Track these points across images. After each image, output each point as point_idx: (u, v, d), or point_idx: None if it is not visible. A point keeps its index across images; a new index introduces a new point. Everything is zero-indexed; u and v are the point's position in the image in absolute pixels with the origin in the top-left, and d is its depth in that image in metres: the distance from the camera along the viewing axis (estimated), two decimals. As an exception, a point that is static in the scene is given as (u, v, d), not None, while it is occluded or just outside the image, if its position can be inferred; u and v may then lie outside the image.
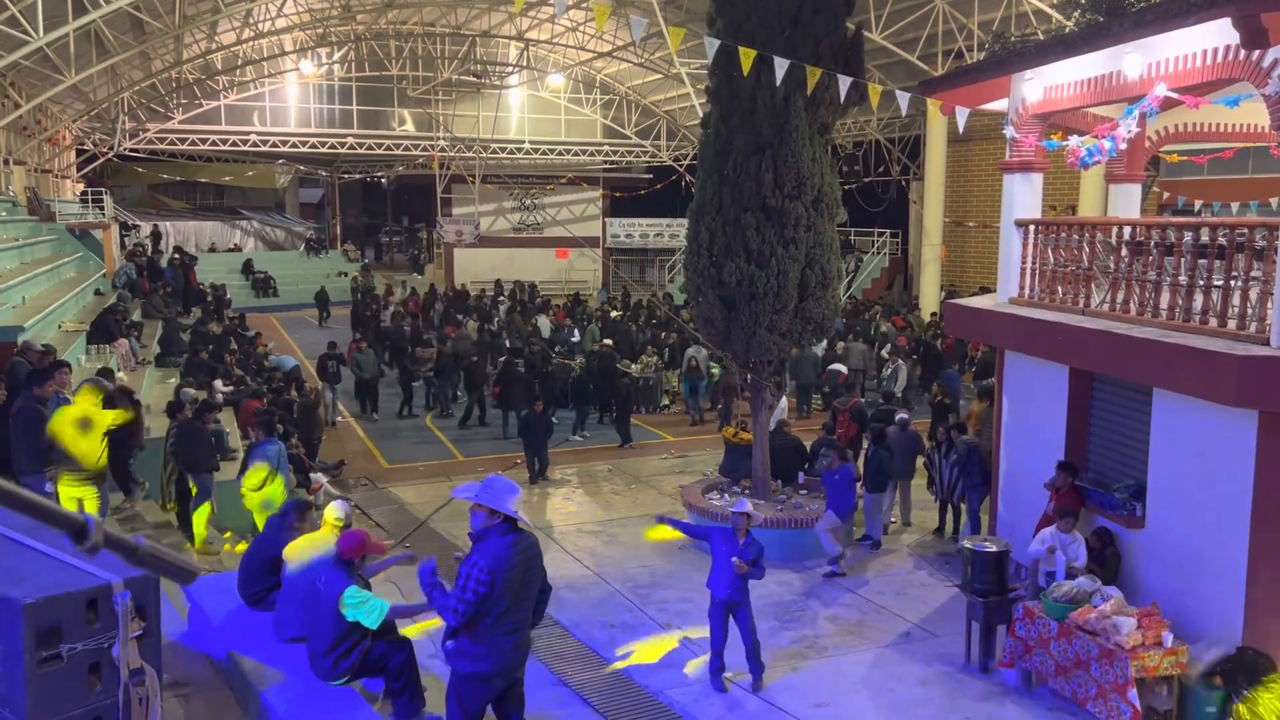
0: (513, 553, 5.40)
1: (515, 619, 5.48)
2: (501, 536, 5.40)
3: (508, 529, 5.43)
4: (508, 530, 5.43)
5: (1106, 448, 10.02)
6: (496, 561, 5.32)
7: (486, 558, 5.31)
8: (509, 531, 5.43)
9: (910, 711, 8.12)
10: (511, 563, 5.38)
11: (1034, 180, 11.46)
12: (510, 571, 5.37)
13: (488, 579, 5.28)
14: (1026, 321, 10.58)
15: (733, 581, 8.41)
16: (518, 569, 5.42)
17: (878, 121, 33.15)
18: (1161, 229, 9.53)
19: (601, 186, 44.04)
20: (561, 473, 15.75)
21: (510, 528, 5.44)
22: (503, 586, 5.33)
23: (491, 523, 5.42)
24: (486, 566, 5.29)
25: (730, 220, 11.38)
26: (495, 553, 5.34)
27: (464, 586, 5.31)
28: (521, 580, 5.46)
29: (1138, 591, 8.81)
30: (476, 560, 5.32)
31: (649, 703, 8.26)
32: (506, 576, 5.34)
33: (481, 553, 5.36)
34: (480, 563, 5.30)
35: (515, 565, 5.41)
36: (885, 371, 19.18)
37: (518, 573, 5.42)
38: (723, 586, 8.44)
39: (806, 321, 11.74)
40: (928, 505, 13.40)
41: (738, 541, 8.52)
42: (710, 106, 11.96)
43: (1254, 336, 7.90)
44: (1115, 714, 7.58)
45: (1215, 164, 16.16)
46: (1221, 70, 8.34)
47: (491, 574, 5.30)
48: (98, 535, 1.82)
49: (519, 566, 5.43)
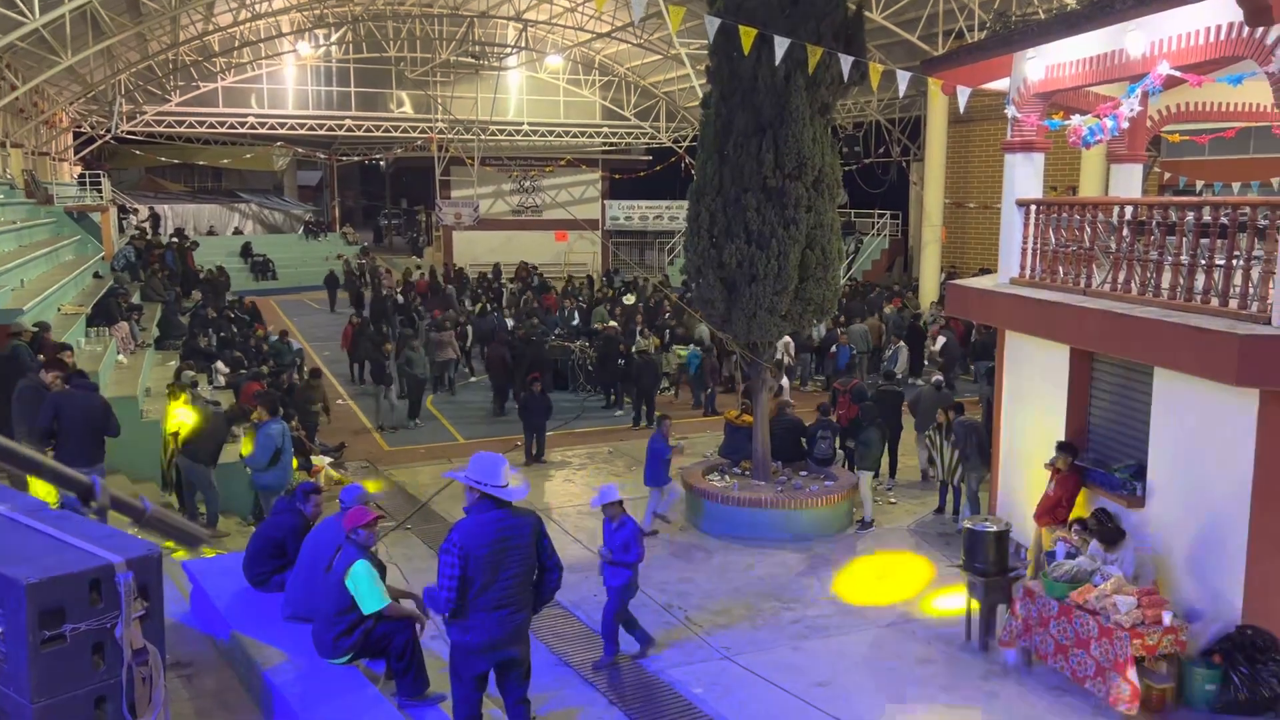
0: (489, 529, 5.47)
1: (498, 594, 5.56)
2: (481, 513, 5.47)
3: (490, 505, 5.49)
4: (490, 506, 5.48)
5: (1107, 428, 10.03)
6: (468, 538, 5.42)
7: (459, 534, 5.43)
8: (491, 508, 5.49)
9: (910, 689, 8.16)
10: (486, 539, 5.45)
11: (1035, 160, 11.43)
12: (484, 548, 5.44)
13: (459, 556, 5.39)
14: (1027, 302, 10.57)
15: (606, 569, 8.56)
16: (493, 544, 5.48)
17: (878, 102, 33.03)
18: (1163, 209, 9.50)
19: (600, 168, 43.89)
20: (562, 454, 15.77)
21: (493, 504, 5.50)
22: (476, 562, 5.41)
23: (473, 498, 5.50)
24: (458, 543, 5.42)
25: (731, 201, 11.34)
26: (469, 529, 5.45)
27: (442, 572, 5.44)
28: (499, 555, 5.51)
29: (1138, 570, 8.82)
30: (451, 537, 5.44)
31: (651, 681, 8.31)
32: (479, 553, 5.43)
33: (456, 529, 5.46)
34: (453, 539, 5.41)
35: (491, 541, 5.47)
36: (887, 353, 19.19)
37: (494, 548, 5.48)
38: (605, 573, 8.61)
39: (807, 303, 11.72)
40: (928, 486, 13.45)
41: (611, 528, 8.58)
42: (711, 87, 11.90)
43: (1255, 316, 7.89)
44: (1114, 692, 7.60)
45: (1217, 144, 16.09)
46: (1224, 48, 8.29)
47: (463, 550, 5.39)
48: (104, 497, 1.82)
49: (496, 542, 5.49)
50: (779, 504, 11.82)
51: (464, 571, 5.46)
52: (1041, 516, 9.87)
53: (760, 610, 9.79)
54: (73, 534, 3.59)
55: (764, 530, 11.73)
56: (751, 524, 11.77)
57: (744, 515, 11.79)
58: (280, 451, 11.18)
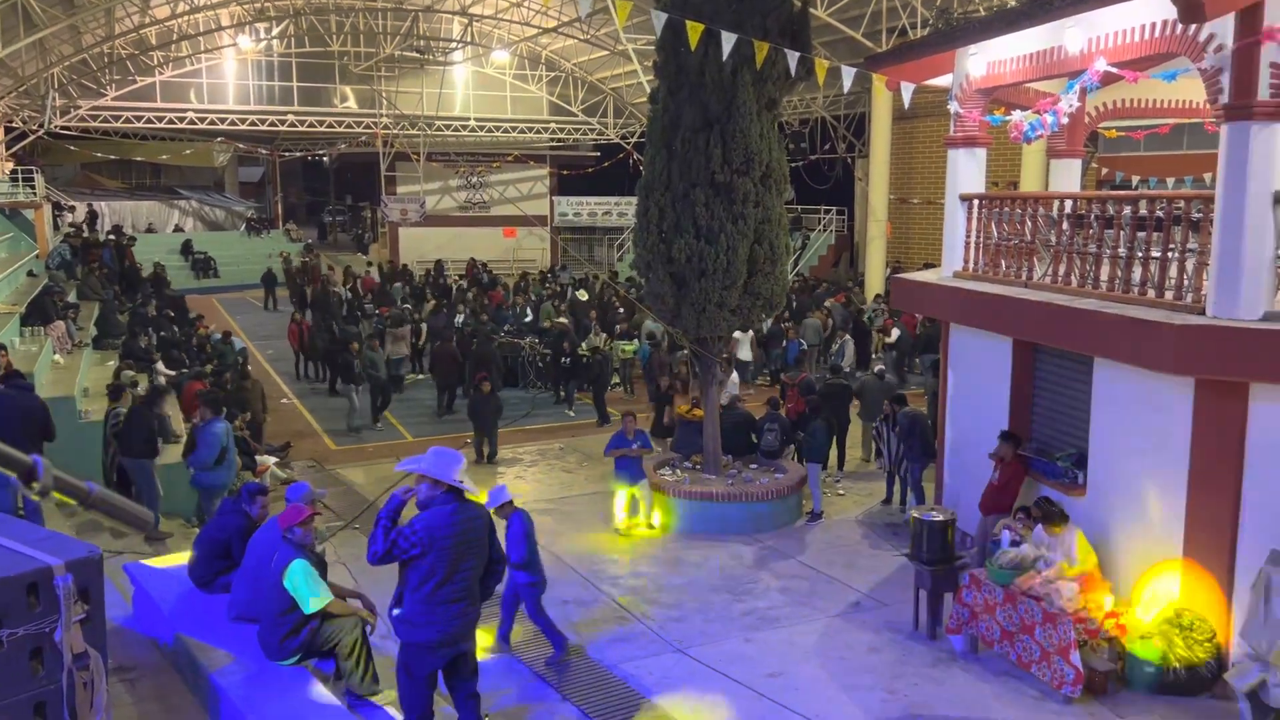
0: (452, 521, 5.47)
1: (456, 587, 5.56)
2: (443, 505, 5.46)
3: (451, 498, 5.49)
4: (450, 499, 5.49)
5: (1049, 417, 10.23)
6: (434, 529, 5.40)
7: (423, 525, 5.41)
8: (451, 501, 5.49)
9: (860, 678, 8.25)
10: (450, 530, 5.45)
11: (978, 155, 11.61)
12: (448, 539, 5.44)
13: (420, 540, 5.36)
14: (971, 295, 10.75)
15: (511, 571, 8.38)
16: (456, 538, 5.48)
17: (823, 99, 33.31)
18: (1102, 203, 9.72)
19: (549, 164, 43.69)
20: (513, 452, 15.70)
21: (453, 497, 5.51)
22: (439, 553, 5.42)
23: (435, 492, 5.48)
24: (423, 529, 5.38)
25: (679, 196, 11.37)
26: (434, 520, 5.42)
27: (398, 533, 5.42)
28: (461, 549, 5.51)
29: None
30: (414, 525, 5.43)
31: (604, 676, 8.31)
32: (444, 544, 5.42)
33: (420, 520, 5.44)
34: (416, 528, 5.39)
35: (454, 534, 5.47)
36: (834, 347, 19.38)
37: (456, 541, 5.48)
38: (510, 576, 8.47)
39: (755, 298, 11.79)
40: (875, 477, 13.60)
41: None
42: (658, 82, 11.91)
43: (1190, 306, 8.10)
44: (1059, 676, 7.78)
45: (1152, 140, 16.45)
46: (1159, 45, 8.49)
47: (427, 537, 5.36)
48: (47, 478, 1.77)
49: (458, 535, 5.50)
50: (730, 497, 11.89)
51: (423, 561, 5.42)
52: (986, 505, 10.04)
53: (712, 603, 9.83)
54: (9, 537, 3.50)
55: (715, 523, 11.79)
56: (703, 517, 11.82)
57: (694, 509, 11.84)
58: (225, 451, 10.99)
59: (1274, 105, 7.38)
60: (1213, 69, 7.73)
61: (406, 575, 5.56)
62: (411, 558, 5.40)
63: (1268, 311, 7.62)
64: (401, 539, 5.39)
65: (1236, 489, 7.78)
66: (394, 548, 5.39)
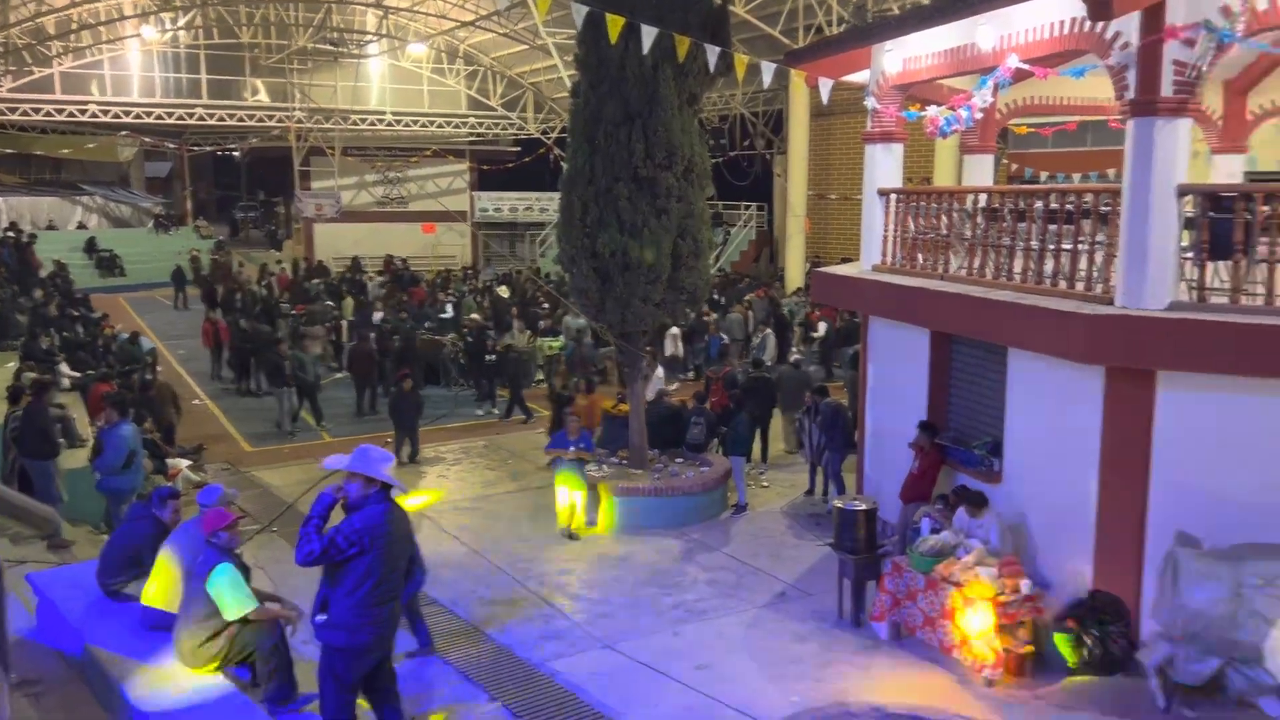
0: (388, 520, 5.34)
1: (389, 588, 5.44)
2: (378, 504, 5.33)
3: (383, 496, 5.37)
4: (382, 498, 5.36)
5: (966, 407, 10.46)
6: (372, 528, 5.27)
7: (360, 522, 5.25)
8: (384, 499, 5.37)
9: (787, 668, 8.32)
10: (386, 529, 5.33)
11: (895, 150, 11.81)
12: (386, 538, 5.32)
13: (359, 540, 5.22)
14: (889, 287, 10.93)
15: None
16: (390, 536, 5.36)
17: (742, 96, 33.58)
18: (1015, 197, 9.96)
19: (468, 159, 43.20)
20: (436, 450, 15.48)
21: (385, 496, 5.38)
22: (377, 553, 5.28)
23: (368, 491, 5.35)
24: (362, 529, 5.24)
25: (602, 191, 11.32)
26: (371, 519, 5.28)
27: (336, 532, 5.27)
28: (395, 549, 5.41)
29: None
30: (353, 524, 5.26)
31: (531, 674, 8.23)
32: (381, 544, 5.30)
33: (358, 520, 5.29)
34: (355, 527, 5.24)
35: (389, 533, 5.35)
36: (755, 340, 19.55)
37: (392, 540, 5.36)
38: None
39: (679, 292, 11.81)
40: (798, 469, 13.75)
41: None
42: (579, 75, 11.85)
43: (1100, 297, 8.35)
44: (979, 659, 7.96)
45: (1059, 137, 16.99)
46: (1069, 42, 8.73)
47: (366, 537, 5.24)
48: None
49: (392, 535, 5.37)
50: (656, 492, 11.89)
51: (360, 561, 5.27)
52: (906, 494, 10.22)
53: (640, 597, 9.83)
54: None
55: (642, 518, 11.79)
56: (630, 512, 11.81)
57: (621, 504, 11.81)
58: (133, 454, 10.60)
59: (1177, 101, 7.64)
60: (1119, 66, 7.98)
61: (339, 577, 5.40)
62: (348, 558, 5.24)
63: (1173, 301, 7.89)
64: (340, 538, 5.24)
65: (1145, 473, 8.05)
66: (331, 548, 5.23)
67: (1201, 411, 7.81)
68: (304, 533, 5.32)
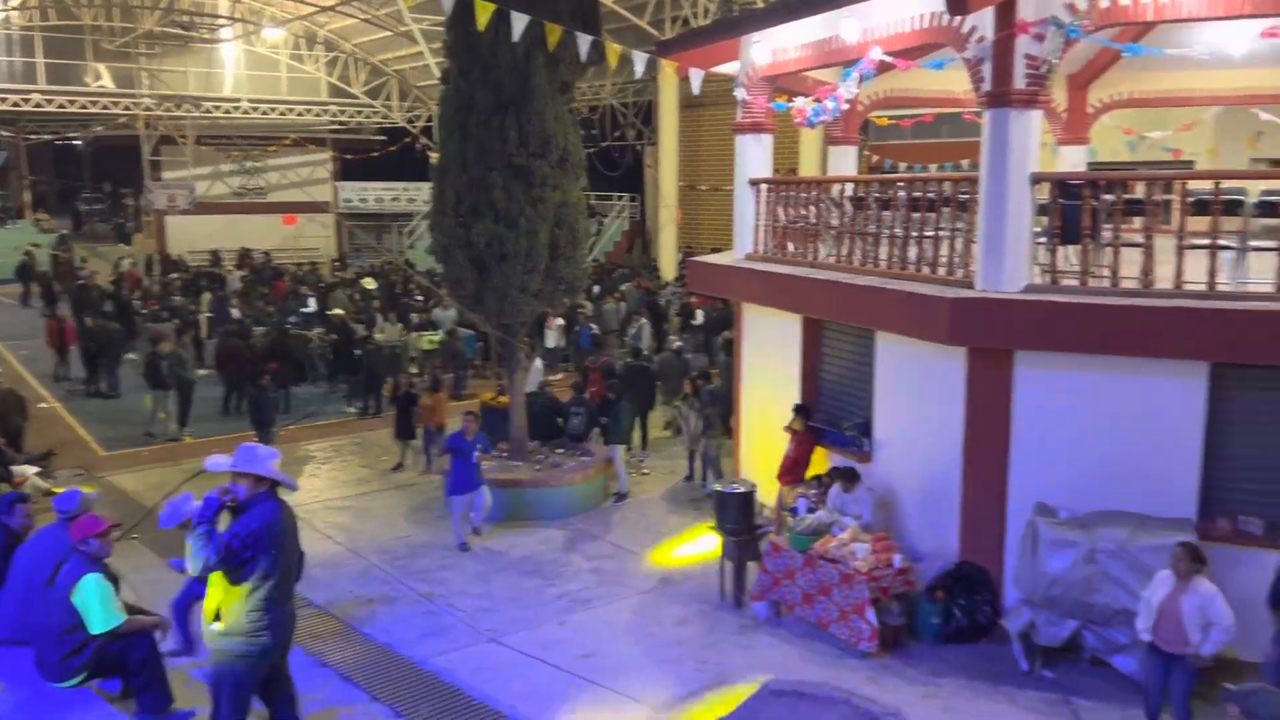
0: (280, 518, 5.14)
1: (287, 588, 5.25)
2: (269, 502, 5.12)
3: (272, 494, 5.16)
4: (271, 496, 5.16)
5: (837, 389, 10.78)
6: (266, 526, 5.06)
7: (256, 522, 5.02)
8: (274, 497, 5.16)
9: (672, 651, 8.42)
10: (279, 528, 5.13)
11: (765, 141, 12.04)
12: (279, 538, 5.11)
13: (255, 542, 5.01)
14: (761, 275, 11.16)
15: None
16: (284, 535, 5.17)
17: (612, 86, 33.62)
18: (880, 186, 10.31)
19: (330, 148, 41.84)
20: (305, 449, 15.00)
21: (274, 494, 5.17)
22: (274, 553, 5.08)
23: (257, 490, 5.13)
24: (258, 530, 5.01)
25: (476, 179, 11.16)
26: (264, 519, 5.07)
27: (232, 536, 5.02)
28: (289, 547, 5.22)
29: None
30: (249, 526, 5.04)
31: (413, 671, 8.08)
32: (277, 544, 5.09)
33: (254, 520, 5.06)
34: (249, 526, 5.02)
35: (282, 531, 5.16)
36: (631, 330, 19.65)
37: (287, 538, 5.17)
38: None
39: (558, 282, 11.76)
40: (677, 455, 13.90)
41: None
42: (449, 62, 11.63)
43: (960, 281, 8.73)
44: (855, 633, 8.22)
45: (917, 129, 17.60)
46: (928, 36, 9.07)
47: (262, 538, 5.03)
48: None
49: (287, 531, 5.19)
50: (538, 483, 11.84)
51: (256, 564, 5.05)
52: (783, 476, 10.47)
53: (524, 589, 9.77)
54: None
55: (524, 510, 11.71)
56: (511, 504, 11.71)
57: (503, 496, 11.69)
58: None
59: (1029, 93, 8.04)
60: (975, 59, 8.33)
61: (235, 582, 5.18)
62: (244, 561, 5.02)
63: (1028, 284, 8.31)
64: (235, 542, 5.02)
65: (1005, 449, 8.47)
66: (227, 554, 5.00)
67: (1056, 388, 8.26)
68: (192, 542, 5.06)
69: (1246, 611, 7.05)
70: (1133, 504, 7.87)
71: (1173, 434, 7.85)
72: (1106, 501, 7.98)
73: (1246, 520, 7.75)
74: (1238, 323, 7.37)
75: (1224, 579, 6.93)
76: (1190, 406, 7.79)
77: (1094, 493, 8.03)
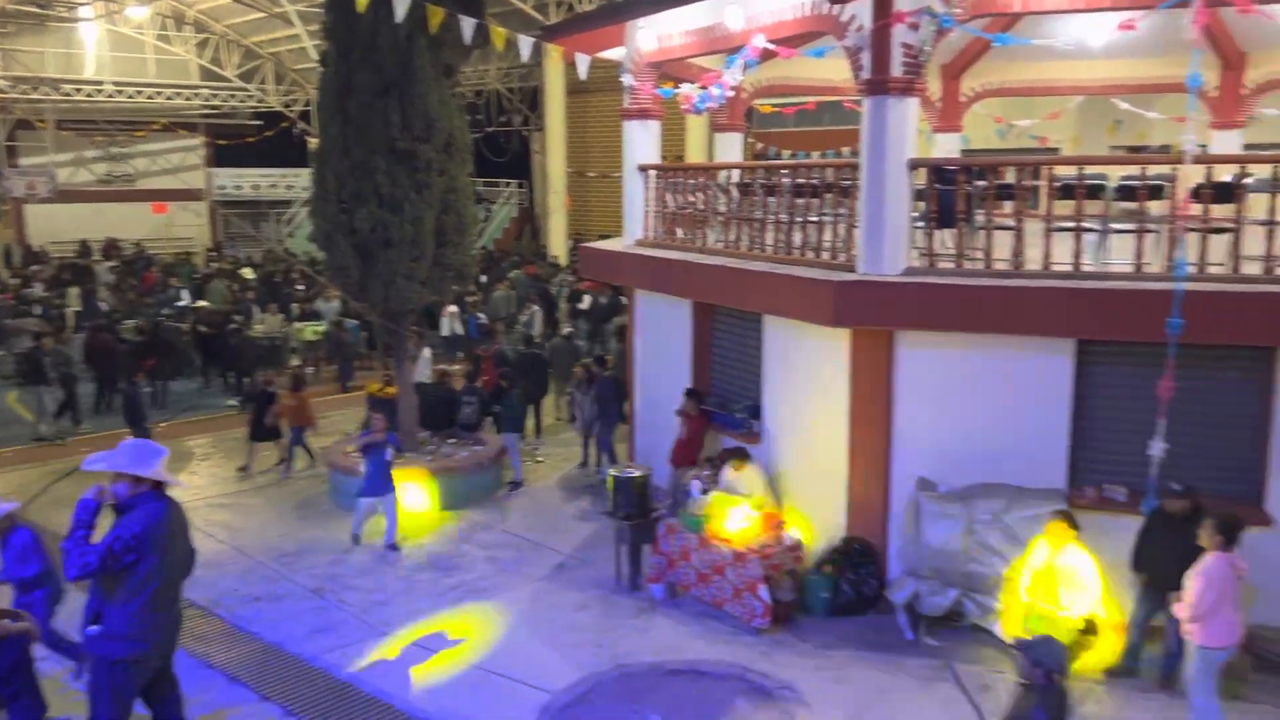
0: (166, 520, 4.94)
1: (172, 592, 5.05)
2: (154, 502, 4.91)
3: (156, 495, 4.95)
4: (155, 496, 4.94)
5: (728, 373, 10.95)
6: (151, 529, 4.84)
7: (139, 524, 4.81)
8: (160, 497, 4.95)
9: (569, 636, 8.44)
10: (165, 530, 4.92)
11: (652, 127, 12.10)
12: (164, 540, 4.91)
13: (135, 545, 4.80)
14: (652, 261, 11.23)
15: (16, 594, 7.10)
16: (170, 538, 4.97)
17: (496, 71, 33.23)
18: (766, 172, 10.48)
19: (203, 133, 40.20)
20: (184, 445, 14.44)
21: (160, 493, 4.96)
22: (159, 555, 4.87)
23: (139, 489, 4.91)
24: (140, 533, 4.80)
25: (358, 164, 10.89)
26: (148, 520, 4.85)
27: (107, 547, 4.79)
28: (177, 548, 5.01)
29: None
30: (130, 529, 4.81)
31: (304, 669, 7.89)
32: (161, 546, 4.88)
33: (135, 523, 4.84)
34: (132, 528, 4.80)
35: (168, 533, 4.95)
36: (523, 317, 19.53)
37: (171, 541, 4.96)
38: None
39: (446, 269, 11.59)
40: (571, 442, 13.90)
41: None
42: (328, 44, 11.31)
43: (843, 265, 8.95)
44: (749, 610, 8.39)
45: (800, 116, 18.01)
46: (809, 24, 9.25)
47: (145, 540, 4.81)
48: None
49: (173, 533, 4.99)
50: (430, 475, 11.65)
51: (137, 559, 4.82)
52: (676, 459, 10.59)
53: (417, 581, 9.64)
54: None
55: (415, 501, 11.52)
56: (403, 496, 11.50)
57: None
58: None
59: (906, 81, 8.28)
60: (855, 48, 8.54)
61: (116, 585, 4.96)
62: (126, 565, 4.79)
63: (907, 267, 8.58)
64: (117, 545, 4.79)
65: (887, 426, 8.75)
66: (108, 558, 4.76)
67: (935, 367, 8.57)
68: (69, 547, 4.82)
69: (1114, 574, 7.49)
70: (1009, 476, 8.24)
71: (1044, 408, 8.24)
72: (985, 475, 8.33)
73: (1111, 488, 8.20)
74: (1100, 301, 7.77)
75: (1092, 544, 7.34)
76: (1059, 382, 8.19)
77: (973, 467, 8.37)
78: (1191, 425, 7.81)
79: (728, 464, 9.48)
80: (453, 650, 8.20)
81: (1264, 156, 8.22)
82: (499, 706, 7.34)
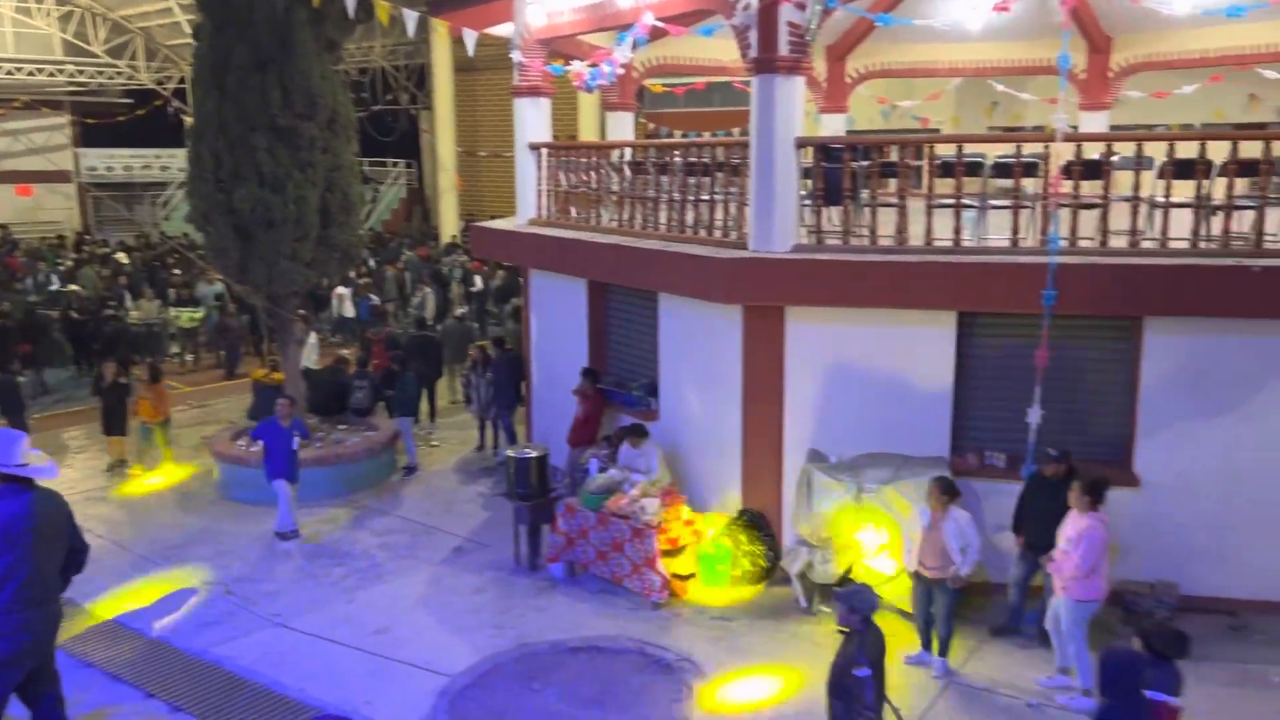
0: (30, 511, 4.69)
1: (42, 587, 4.80)
2: (13, 496, 4.65)
3: (20, 487, 4.69)
4: (21, 489, 4.69)
5: (624, 351, 10.98)
6: (9, 524, 4.58)
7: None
8: (23, 490, 4.70)
9: (468, 619, 8.38)
10: (29, 523, 4.69)
11: (543, 105, 11.99)
12: (29, 533, 4.67)
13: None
14: (546, 240, 11.17)
15: None
16: (38, 530, 4.72)
17: (382, 47, 32.41)
18: (657, 151, 10.51)
19: (69, 112, 38.14)
20: (56, 437, 13.76)
21: (23, 485, 4.71)
22: (21, 550, 4.61)
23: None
24: None
25: (237, 141, 10.51)
26: (6, 514, 4.59)
27: None
28: (42, 544, 4.76)
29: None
30: None
31: (192, 664, 7.64)
32: (25, 540, 4.63)
33: None
34: None
35: (30, 528, 4.70)
36: (415, 300, 19.19)
37: (39, 534, 4.71)
38: None
39: (332, 249, 11.29)
40: (467, 425, 13.75)
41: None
42: (202, 17, 10.86)
43: (735, 243, 9.06)
44: (648, 585, 8.47)
45: (690, 97, 18.06)
46: (698, 2, 9.29)
47: (3, 535, 4.55)
48: None
49: (40, 527, 4.74)
50: (320, 461, 11.37)
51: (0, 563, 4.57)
52: (573, 438, 10.58)
53: (310, 571, 9.42)
54: None
55: (306, 489, 11.18)
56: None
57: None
58: None
59: (793, 60, 8.40)
60: (743, 26, 8.61)
61: None
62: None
63: (796, 244, 8.73)
64: None
65: (780, 400, 8.91)
66: None
67: (823, 341, 8.76)
68: None
69: (994, 537, 7.82)
70: (897, 445, 8.50)
71: (928, 379, 8.51)
72: (874, 444, 8.58)
73: (991, 455, 8.53)
74: (979, 275, 8.06)
75: (974, 508, 7.64)
76: (941, 353, 8.47)
77: (862, 437, 8.61)
78: (1066, 393, 8.20)
79: (625, 440, 9.51)
80: (348, 638, 8.05)
81: (1129, 135, 8.63)
82: (397, 692, 7.25)
